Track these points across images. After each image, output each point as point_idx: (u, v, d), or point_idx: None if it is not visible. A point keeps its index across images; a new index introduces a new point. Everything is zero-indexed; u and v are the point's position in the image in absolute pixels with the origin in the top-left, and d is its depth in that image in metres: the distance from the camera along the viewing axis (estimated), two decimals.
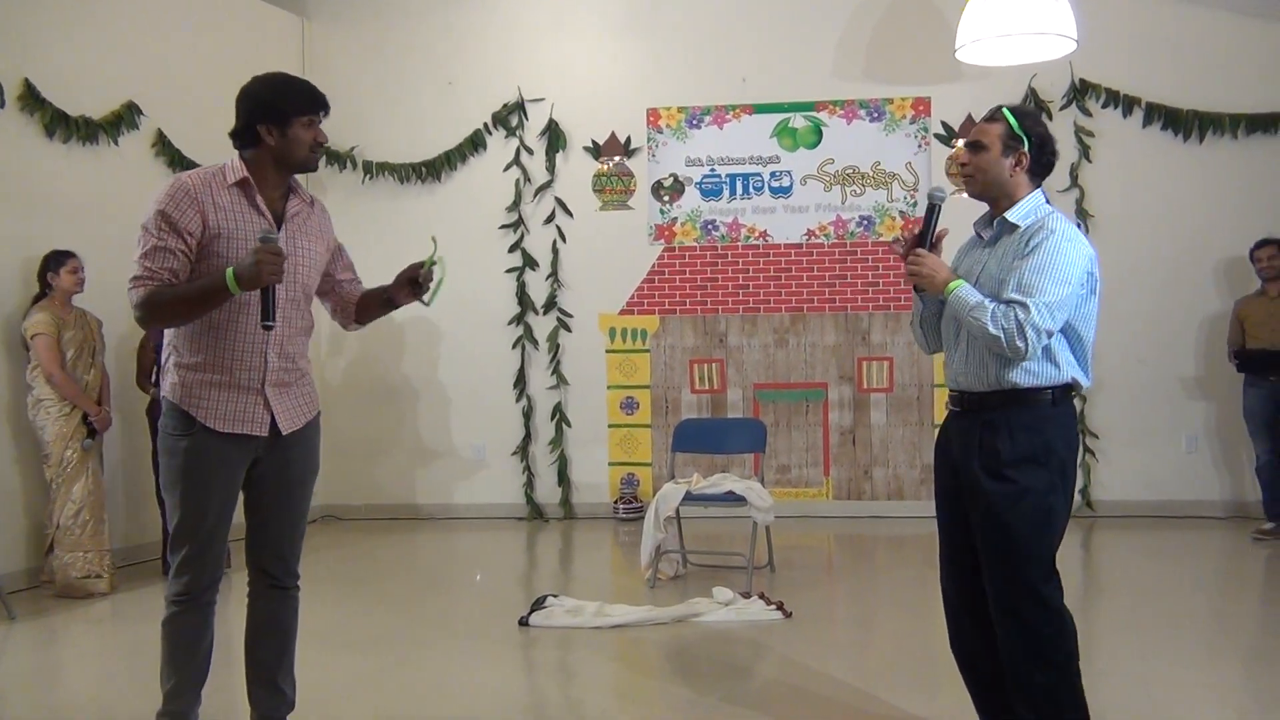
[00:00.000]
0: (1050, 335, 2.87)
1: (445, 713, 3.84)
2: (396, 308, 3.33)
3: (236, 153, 3.10)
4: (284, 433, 3.12)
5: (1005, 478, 2.92)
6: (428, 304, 3.21)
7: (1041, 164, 3.02)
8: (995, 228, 3.06)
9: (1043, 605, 2.94)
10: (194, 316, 3.00)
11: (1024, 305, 2.83)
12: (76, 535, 5.59)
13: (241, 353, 3.03)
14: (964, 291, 2.95)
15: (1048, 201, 3.06)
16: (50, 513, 5.64)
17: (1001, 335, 2.84)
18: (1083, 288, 2.94)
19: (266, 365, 3.08)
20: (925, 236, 3.09)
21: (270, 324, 2.96)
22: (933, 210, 3.10)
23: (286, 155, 3.06)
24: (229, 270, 2.88)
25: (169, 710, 3.18)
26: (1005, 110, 3.02)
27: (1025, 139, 2.98)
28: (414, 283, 3.20)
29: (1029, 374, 2.93)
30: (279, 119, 3.02)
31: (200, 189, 2.98)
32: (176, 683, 3.15)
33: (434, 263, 3.16)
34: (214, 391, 3.03)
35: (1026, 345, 2.84)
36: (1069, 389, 3.00)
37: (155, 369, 5.96)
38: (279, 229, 3.10)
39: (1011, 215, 3.00)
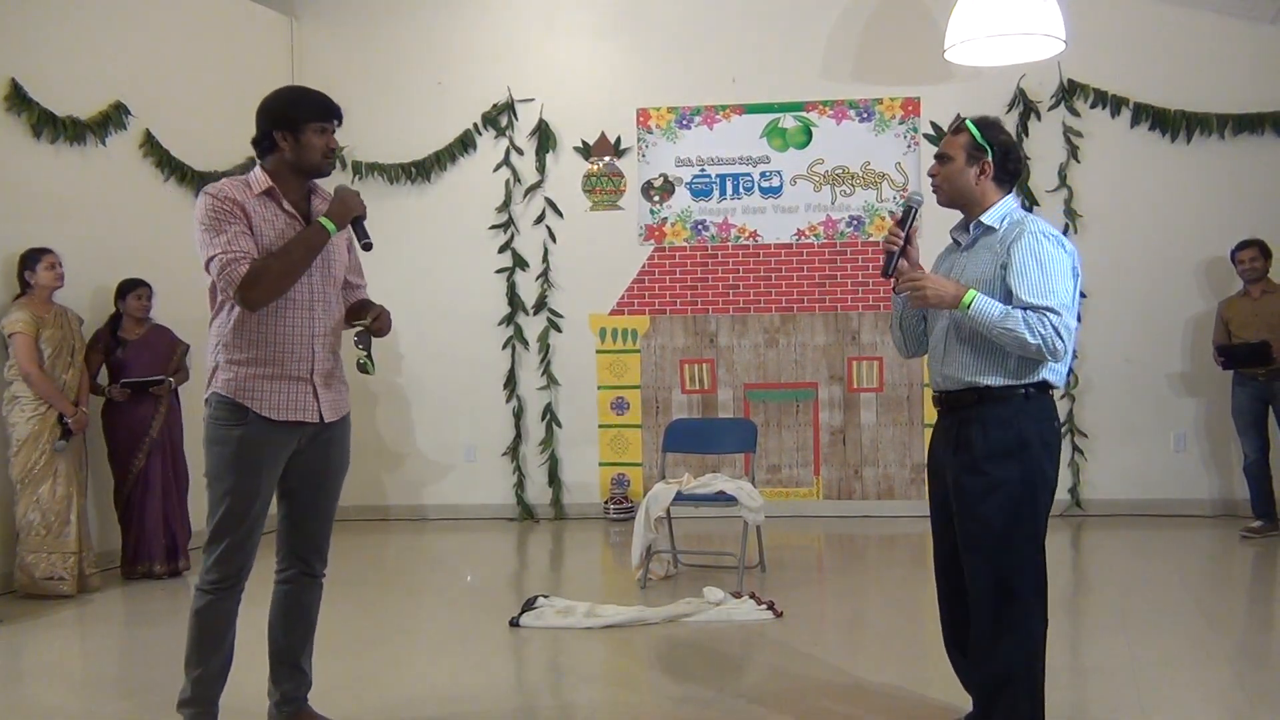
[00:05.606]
0: (1072, 333, 2.93)
1: (436, 713, 3.83)
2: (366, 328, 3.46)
3: (258, 163, 3.31)
4: (327, 420, 3.32)
5: (979, 470, 2.99)
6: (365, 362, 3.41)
7: (1007, 171, 3.10)
8: (972, 231, 3.13)
9: (1014, 599, 2.99)
10: (304, 268, 3.19)
11: (1052, 310, 2.89)
12: (41, 536, 5.50)
13: (292, 345, 3.23)
14: (983, 303, 2.94)
15: (1022, 206, 3.16)
16: (15, 512, 5.54)
17: (1041, 342, 2.88)
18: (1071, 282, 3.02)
19: (314, 355, 3.29)
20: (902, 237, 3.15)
21: (369, 242, 3.32)
22: (909, 213, 3.17)
23: (301, 160, 3.26)
24: (321, 217, 3.21)
25: (196, 697, 3.26)
26: (968, 122, 3.12)
27: (989, 148, 3.07)
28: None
29: (1003, 374, 3.00)
30: (292, 126, 3.24)
31: (234, 192, 3.19)
32: (204, 671, 3.25)
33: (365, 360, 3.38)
34: (267, 384, 3.21)
35: (1064, 346, 2.90)
36: (1043, 385, 3.04)
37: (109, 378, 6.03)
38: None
39: (986, 218, 3.09)
